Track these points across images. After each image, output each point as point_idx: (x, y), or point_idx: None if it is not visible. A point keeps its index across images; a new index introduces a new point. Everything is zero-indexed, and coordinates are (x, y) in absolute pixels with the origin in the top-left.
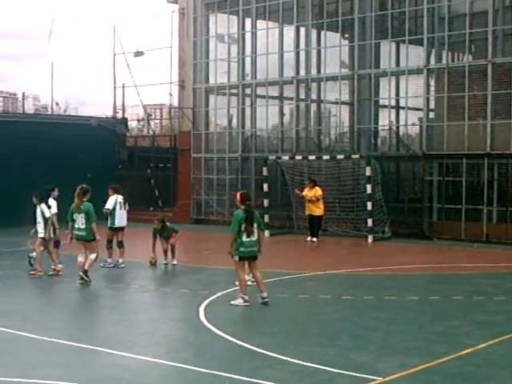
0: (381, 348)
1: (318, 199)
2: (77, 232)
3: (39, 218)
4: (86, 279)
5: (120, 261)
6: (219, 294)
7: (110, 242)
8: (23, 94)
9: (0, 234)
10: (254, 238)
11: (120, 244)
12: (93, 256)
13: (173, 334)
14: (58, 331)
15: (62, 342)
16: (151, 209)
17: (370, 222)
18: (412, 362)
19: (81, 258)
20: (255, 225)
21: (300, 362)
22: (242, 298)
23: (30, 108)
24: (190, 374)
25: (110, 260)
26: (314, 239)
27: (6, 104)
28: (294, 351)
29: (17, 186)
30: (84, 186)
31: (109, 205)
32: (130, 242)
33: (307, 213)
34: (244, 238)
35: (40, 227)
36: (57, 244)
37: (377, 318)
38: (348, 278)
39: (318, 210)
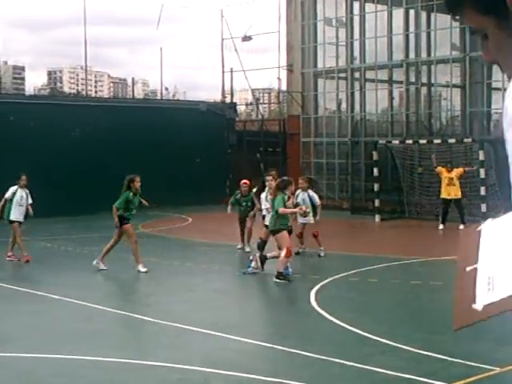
0: (498, 337)
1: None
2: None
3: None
4: None
5: None
6: (330, 278)
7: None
8: (133, 79)
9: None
10: None
11: None
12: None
13: (284, 319)
14: (167, 314)
15: (173, 324)
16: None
17: (483, 207)
18: None
19: None
20: None
21: (413, 350)
22: None
23: (139, 93)
24: (300, 358)
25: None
26: (462, 226)
27: (115, 89)
28: (406, 338)
29: (128, 171)
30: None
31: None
32: (236, 226)
33: (445, 196)
34: None
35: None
36: None
37: None
38: None
39: (459, 192)
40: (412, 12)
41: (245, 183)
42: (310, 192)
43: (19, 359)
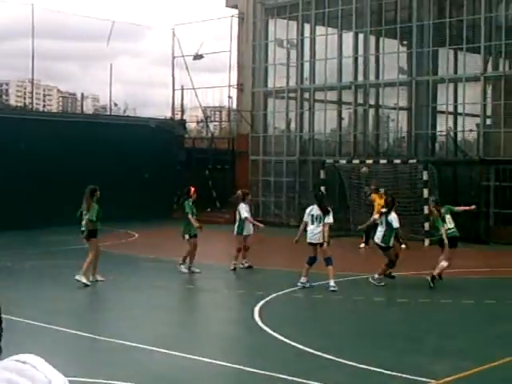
0: (435, 350)
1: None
2: None
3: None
4: None
5: None
6: (274, 294)
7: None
8: (82, 94)
9: (56, 233)
10: None
11: None
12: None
13: (228, 335)
14: (111, 331)
15: (115, 341)
16: (208, 210)
17: (426, 225)
18: (466, 365)
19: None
20: None
21: (355, 364)
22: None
23: (89, 109)
24: (244, 374)
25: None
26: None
27: (65, 104)
28: (349, 353)
29: (76, 187)
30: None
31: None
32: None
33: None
34: None
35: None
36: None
37: (432, 320)
38: (404, 281)
39: None
40: (361, 36)
41: (195, 189)
42: None
43: None
